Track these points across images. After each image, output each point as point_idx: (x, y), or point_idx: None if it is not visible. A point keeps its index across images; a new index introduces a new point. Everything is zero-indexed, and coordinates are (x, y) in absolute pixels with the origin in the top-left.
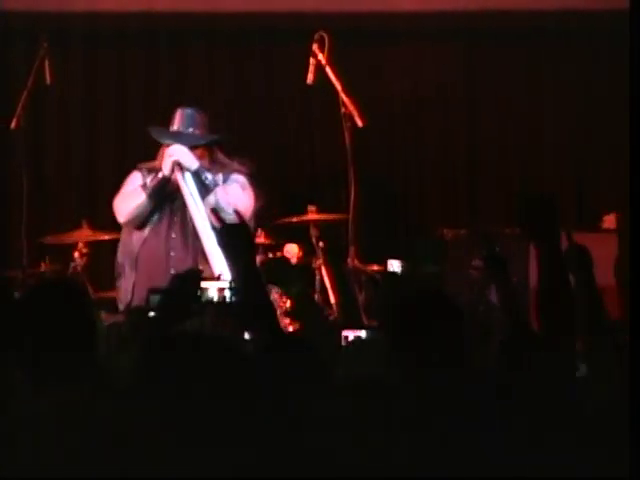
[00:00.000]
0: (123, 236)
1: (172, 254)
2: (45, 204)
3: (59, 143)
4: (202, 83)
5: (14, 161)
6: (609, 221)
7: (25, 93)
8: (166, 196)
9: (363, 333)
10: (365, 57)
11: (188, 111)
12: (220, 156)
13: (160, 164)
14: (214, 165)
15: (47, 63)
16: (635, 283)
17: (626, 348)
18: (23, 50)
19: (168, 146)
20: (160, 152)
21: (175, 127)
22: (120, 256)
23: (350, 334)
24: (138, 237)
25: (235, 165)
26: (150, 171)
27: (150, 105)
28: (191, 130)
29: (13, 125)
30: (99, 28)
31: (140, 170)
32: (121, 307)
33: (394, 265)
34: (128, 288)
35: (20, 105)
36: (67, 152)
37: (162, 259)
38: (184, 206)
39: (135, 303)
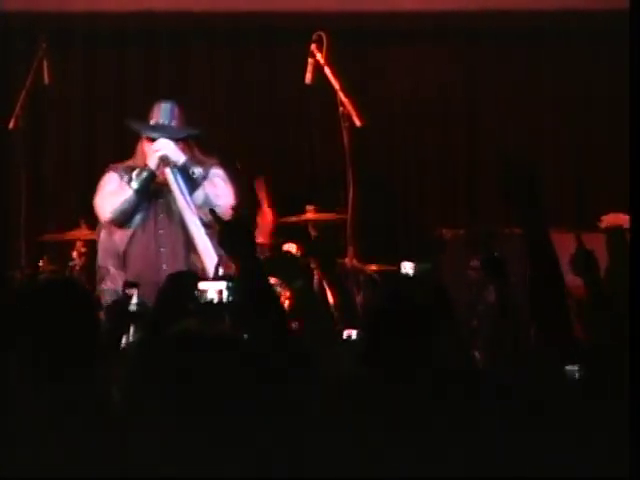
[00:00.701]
0: (102, 238)
1: (162, 250)
2: (43, 204)
3: (58, 143)
4: (201, 83)
5: (12, 161)
6: (607, 221)
7: (24, 93)
8: (151, 192)
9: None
10: (365, 57)
11: (167, 104)
12: (197, 152)
13: (139, 161)
14: (193, 160)
15: (46, 63)
16: (635, 283)
17: (626, 346)
18: (22, 50)
19: (148, 141)
20: (138, 149)
21: (154, 120)
22: (101, 259)
23: (353, 332)
24: (121, 237)
25: (212, 160)
26: (128, 170)
27: (149, 105)
28: (173, 123)
29: (11, 125)
30: (98, 28)
31: (115, 170)
32: None
33: (407, 267)
34: (116, 288)
35: (19, 105)
36: (66, 152)
37: (152, 256)
38: (168, 202)
39: None
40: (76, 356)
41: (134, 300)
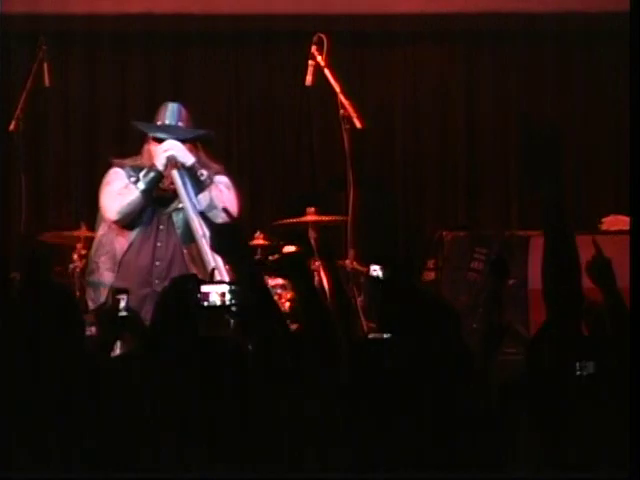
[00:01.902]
0: (101, 234)
1: (157, 263)
2: (44, 206)
3: (58, 145)
4: (202, 85)
5: (13, 163)
6: (608, 223)
7: (24, 95)
8: (156, 201)
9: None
10: (364, 59)
11: (174, 105)
12: (203, 155)
13: (147, 161)
14: (199, 163)
15: (46, 65)
16: (635, 283)
17: (626, 347)
18: (22, 52)
19: (155, 142)
20: (145, 149)
21: (161, 121)
22: (95, 254)
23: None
24: (121, 242)
25: (217, 167)
26: (135, 168)
27: (149, 107)
28: (180, 124)
29: (12, 127)
30: (98, 30)
31: (122, 167)
32: (91, 305)
33: (376, 270)
34: (103, 281)
35: (19, 107)
36: (66, 154)
37: (146, 268)
38: (170, 215)
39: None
40: (64, 360)
41: (122, 305)
